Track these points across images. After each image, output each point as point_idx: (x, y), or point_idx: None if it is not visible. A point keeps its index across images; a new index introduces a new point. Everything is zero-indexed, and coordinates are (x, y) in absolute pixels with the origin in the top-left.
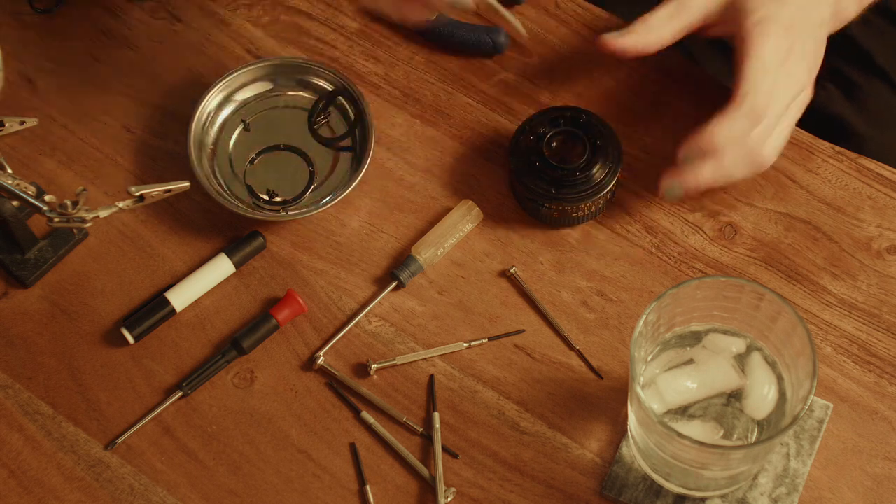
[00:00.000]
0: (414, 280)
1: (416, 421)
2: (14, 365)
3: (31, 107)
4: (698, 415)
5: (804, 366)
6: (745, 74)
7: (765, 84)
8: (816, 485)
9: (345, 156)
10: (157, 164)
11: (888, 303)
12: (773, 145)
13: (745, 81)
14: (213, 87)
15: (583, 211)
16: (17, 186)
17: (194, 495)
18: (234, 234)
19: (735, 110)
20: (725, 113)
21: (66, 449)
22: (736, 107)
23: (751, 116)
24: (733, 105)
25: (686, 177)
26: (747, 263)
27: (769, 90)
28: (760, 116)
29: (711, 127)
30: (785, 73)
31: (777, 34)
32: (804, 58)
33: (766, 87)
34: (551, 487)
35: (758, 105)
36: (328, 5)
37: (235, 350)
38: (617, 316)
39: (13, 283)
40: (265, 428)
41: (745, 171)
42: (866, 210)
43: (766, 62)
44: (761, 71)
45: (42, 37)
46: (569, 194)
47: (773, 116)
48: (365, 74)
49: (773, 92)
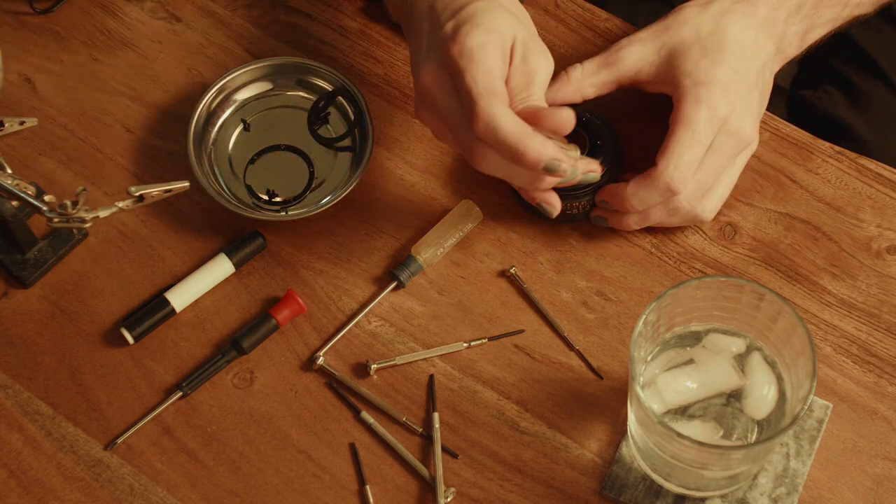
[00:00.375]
0: (414, 280)
1: (416, 421)
2: (14, 365)
3: (31, 107)
4: (698, 415)
5: (804, 366)
6: (671, 147)
7: (692, 155)
8: (816, 485)
9: (345, 156)
10: (157, 164)
11: (888, 303)
12: (712, 203)
13: (667, 156)
14: (213, 87)
15: (579, 209)
16: (17, 186)
17: (194, 495)
18: (234, 234)
19: (651, 182)
20: (641, 182)
21: (66, 449)
22: (652, 181)
23: (665, 193)
24: (650, 178)
25: (611, 219)
26: (747, 263)
27: (693, 161)
28: (677, 191)
29: (627, 191)
30: (726, 133)
31: (714, 100)
32: (748, 112)
33: (692, 158)
34: (551, 487)
35: (675, 181)
36: (328, 5)
37: (235, 350)
38: (617, 316)
39: (13, 283)
40: (265, 428)
41: (679, 223)
42: (866, 210)
43: (697, 132)
44: (690, 143)
45: (42, 37)
46: (569, 193)
47: (704, 182)
48: (365, 74)
49: (704, 162)
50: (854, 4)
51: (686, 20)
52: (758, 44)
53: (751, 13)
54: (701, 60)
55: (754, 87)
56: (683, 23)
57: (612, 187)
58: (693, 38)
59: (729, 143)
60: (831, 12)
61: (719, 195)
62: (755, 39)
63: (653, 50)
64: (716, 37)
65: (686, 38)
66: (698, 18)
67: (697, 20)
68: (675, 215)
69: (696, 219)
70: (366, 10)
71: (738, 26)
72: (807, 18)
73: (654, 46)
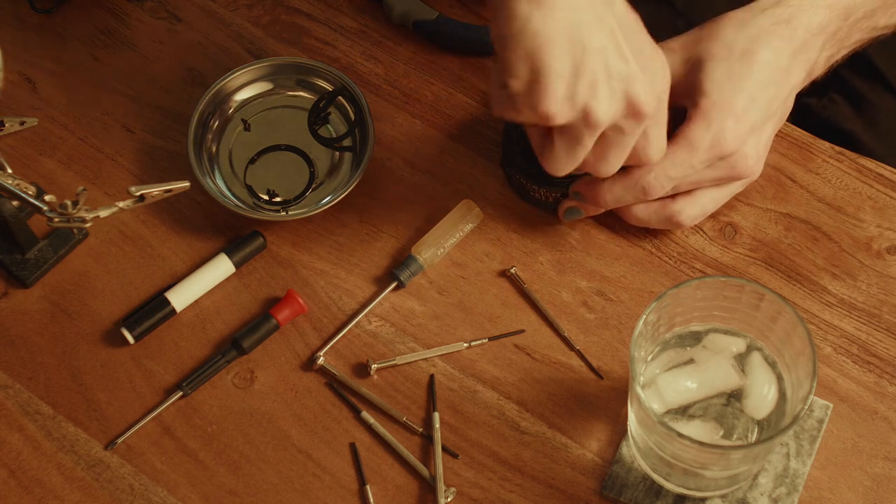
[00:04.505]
0: (414, 280)
1: (416, 421)
2: (14, 365)
3: (31, 107)
4: (698, 415)
5: (804, 366)
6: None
7: (678, 173)
8: (816, 485)
9: (345, 156)
10: (157, 164)
11: (888, 303)
12: (691, 212)
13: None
14: (213, 87)
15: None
16: (17, 186)
17: (194, 495)
18: (234, 234)
19: (628, 181)
20: (619, 179)
21: (66, 449)
22: (631, 180)
23: (639, 195)
24: (629, 177)
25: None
26: (747, 263)
27: (677, 178)
28: (651, 196)
29: (603, 185)
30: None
31: (723, 128)
32: (755, 146)
33: (677, 175)
34: (551, 487)
35: (652, 188)
36: (328, 5)
37: (235, 350)
38: (617, 316)
39: (13, 283)
40: (265, 428)
41: (656, 224)
42: (866, 210)
43: (694, 155)
44: (681, 162)
45: (42, 37)
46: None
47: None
48: (365, 74)
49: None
50: (881, 28)
51: (720, 36)
52: (789, 71)
53: (789, 37)
54: (724, 83)
55: (770, 118)
56: (717, 38)
57: (589, 180)
58: (723, 55)
59: (723, 168)
60: (859, 35)
61: (701, 206)
62: (787, 67)
63: (679, 61)
64: (745, 60)
65: (715, 54)
66: (733, 36)
67: (732, 37)
68: (658, 213)
69: (672, 220)
70: (366, 10)
71: (771, 50)
72: (838, 43)
73: (681, 57)
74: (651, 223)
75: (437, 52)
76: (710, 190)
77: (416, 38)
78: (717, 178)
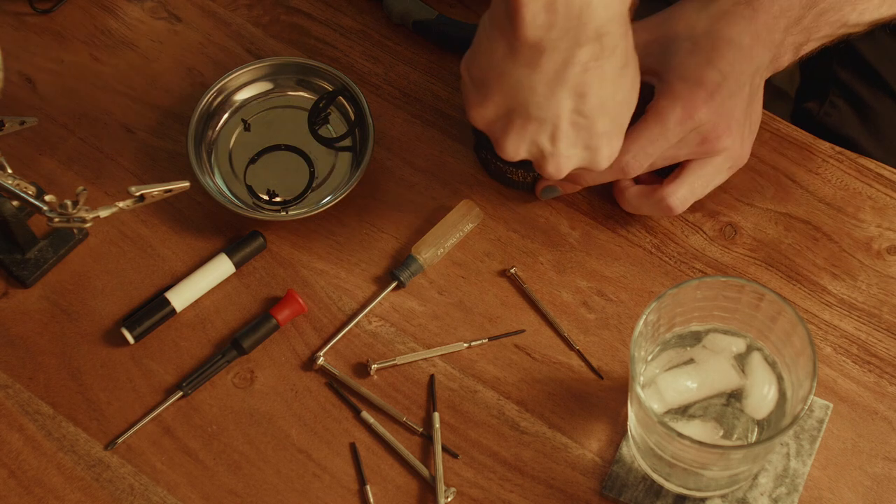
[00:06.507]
0: (414, 280)
1: (416, 421)
2: (14, 365)
3: (31, 107)
4: (698, 415)
5: (804, 366)
6: (637, 135)
7: (654, 149)
8: (816, 485)
9: (345, 156)
10: (157, 164)
11: (888, 303)
12: (680, 194)
13: (630, 141)
14: (213, 87)
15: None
16: (17, 186)
17: (194, 495)
18: (234, 234)
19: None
20: None
21: (66, 449)
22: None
23: (618, 174)
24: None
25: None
26: (747, 263)
27: (654, 154)
28: (628, 176)
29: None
30: (698, 133)
31: (693, 100)
32: (729, 118)
33: (654, 151)
34: (551, 487)
35: (630, 168)
36: (328, 5)
37: (235, 350)
38: (617, 316)
39: (13, 283)
40: (265, 428)
41: (648, 210)
42: (866, 210)
43: (667, 129)
44: (656, 137)
45: (42, 37)
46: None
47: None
48: (365, 74)
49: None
50: (851, 25)
51: (683, 15)
52: (753, 50)
53: (750, 17)
54: (689, 58)
55: (739, 93)
56: (680, 18)
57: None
58: (686, 33)
59: (694, 140)
60: (827, 29)
61: (693, 191)
62: (750, 45)
63: (646, 41)
64: (709, 37)
65: (680, 32)
66: (696, 15)
67: (694, 17)
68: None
69: (663, 205)
70: (366, 10)
71: (735, 29)
72: (804, 31)
73: (647, 38)
74: (643, 210)
75: (437, 52)
76: (696, 169)
77: (416, 38)
78: (693, 153)
